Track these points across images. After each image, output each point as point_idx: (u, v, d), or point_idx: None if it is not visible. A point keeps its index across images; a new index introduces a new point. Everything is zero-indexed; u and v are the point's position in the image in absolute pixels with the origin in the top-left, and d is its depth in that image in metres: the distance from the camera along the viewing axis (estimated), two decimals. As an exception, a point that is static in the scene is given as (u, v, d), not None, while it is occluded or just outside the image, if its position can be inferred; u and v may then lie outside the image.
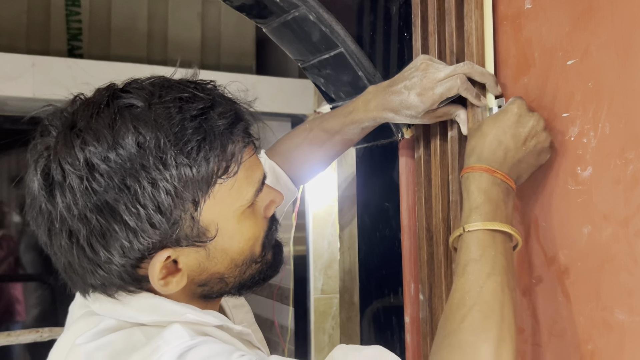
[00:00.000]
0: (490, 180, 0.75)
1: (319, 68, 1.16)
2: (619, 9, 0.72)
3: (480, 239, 0.72)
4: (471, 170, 0.77)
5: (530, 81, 0.85)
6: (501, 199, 0.74)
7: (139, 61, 2.44)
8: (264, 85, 2.45)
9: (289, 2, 1.02)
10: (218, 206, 0.65)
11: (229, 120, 0.63)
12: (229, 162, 0.63)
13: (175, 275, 0.66)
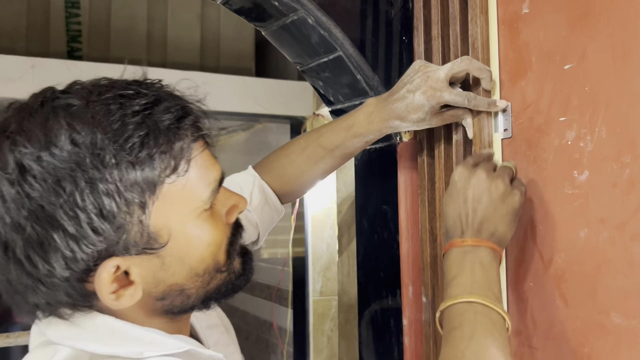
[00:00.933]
0: (461, 251, 0.74)
1: (317, 71, 1.16)
2: (616, 13, 0.72)
3: (457, 308, 0.70)
4: (444, 250, 0.77)
5: (528, 85, 0.85)
6: (477, 263, 0.72)
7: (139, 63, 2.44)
8: (262, 88, 2.46)
9: (287, 5, 1.03)
10: (169, 209, 0.59)
11: (175, 114, 0.59)
12: (177, 160, 0.58)
13: (127, 288, 0.60)
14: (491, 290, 0.71)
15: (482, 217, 0.75)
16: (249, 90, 2.40)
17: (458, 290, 0.71)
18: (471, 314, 0.68)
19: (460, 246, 0.74)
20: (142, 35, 2.57)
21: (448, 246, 0.76)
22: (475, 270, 0.72)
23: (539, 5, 0.83)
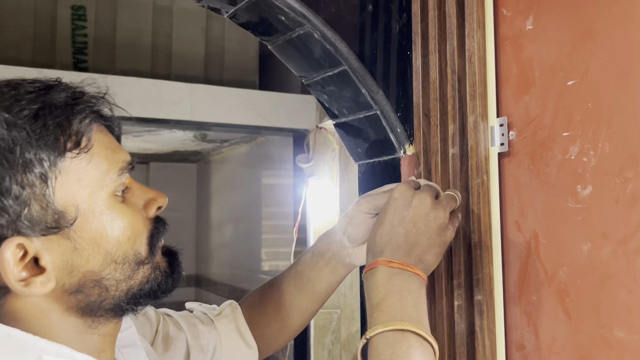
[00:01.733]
0: (388, 272, 0.70)
1: (322, 85, 1.17)
2: (618, 30, 0.74)
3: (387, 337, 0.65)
4: (367, 269, 0.73)
5: (531, 100, 0.86)
6: (405, 289, 0.69)
7: (143, 74, 2.47)
8: (266, 100, 2.47)
9: (293, 20, 1.04)
10: (74, 184, 0.58)
11: (71, 94, 0.59)
12: (78, 136, 0.57)
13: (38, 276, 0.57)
14: (421, 319, 0.68)
15: (414, 242, 0.72)
16: (253, 103, 2.41)
17: (387, 315, 0.66)
18: (404, 346, 0.64)
19: (386, 266, 0.70)
20: (147, 48, 2.60)
21: (372, 264, 0.72)
22: (404, 296, 0.68)
23: (543, 22, 0.84)
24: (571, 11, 0.80)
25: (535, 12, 0.86)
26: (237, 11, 1.10)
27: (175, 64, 2.64)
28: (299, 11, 1.01)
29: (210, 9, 1.13)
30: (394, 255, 0.71)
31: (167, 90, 2.27)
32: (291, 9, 1.01)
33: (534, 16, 0.86)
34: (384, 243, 0.72)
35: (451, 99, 0.96)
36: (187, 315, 0.93)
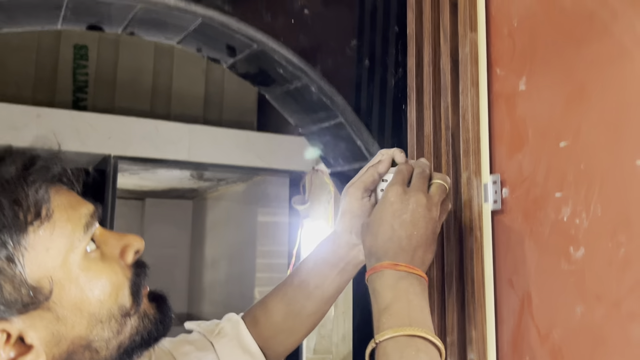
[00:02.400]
0: (395, 275, 0.71)
1: (319, 135, 1.19)
2: (610, 93, 0.75)
3: (397, 342, 0.66)
4: (373, 271, 0.73)
5: (524, 159, 0.87)
6: (413, 292, 0.70)
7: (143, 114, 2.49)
8: (264, 142, 2.49)
9: (291, 73, 1.06)
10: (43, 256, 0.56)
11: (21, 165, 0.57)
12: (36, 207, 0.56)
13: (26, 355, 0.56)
14: (426, 322, 0.69)
15: (416, 244, 0.73)
16: (250, 144, 2.43)
17: (396, 320, 0.67)
18: (412, 351, 0.65)
19: (393, 269, 0.71)
20: (148, 87, 2.63)
21: (377, 267, 0.72)
22: (411, 299, 0.69)
23: (536, 82, 0.86)
24: (564, 72, 0.82)
25: (528, 72, 0.88)
26: (236, 62, 1.12)
27: (174, 104, 2.67)
28: (296, 65, 1.03)
29: (210, 59, 1.15)
30: (398, 258, 0.72)
31: (165, 130, 2.29)
32: (289, 63, 1.03)
33: (527, 76, 0.88)
34: (387, 247, 0.73)
35: (445, 154, 0.97)
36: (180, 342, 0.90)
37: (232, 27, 0.97)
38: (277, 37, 0.99)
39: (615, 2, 0.75)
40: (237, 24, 0.96)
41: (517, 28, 0.90)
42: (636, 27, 0.71)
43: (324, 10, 1.04)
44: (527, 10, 0.89)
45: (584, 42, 0.78)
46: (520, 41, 0.89)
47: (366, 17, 1.09)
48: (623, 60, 0.73)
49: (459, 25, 0.95)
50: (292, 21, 1.01)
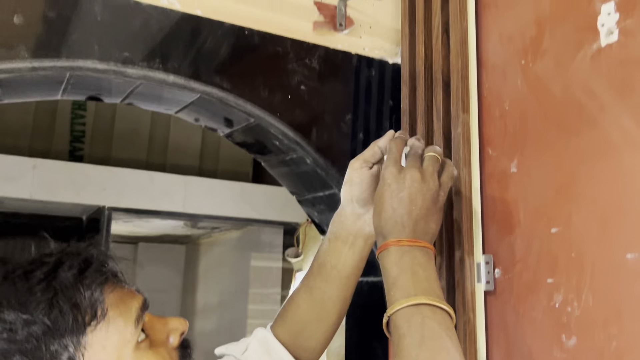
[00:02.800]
0: (399, 251, 0.75)
1: (313, 203, 1.19)
2: (599, 186, 0.76)
3: (404, 313, 0.70)
4: (380, 250, 0.77)
5: (516, 241, 0.87)
6: (416, 264, 0.74)
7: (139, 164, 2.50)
8: (258, 193, 2.50)
9: (287, 145, 1.07)
10: (100, 354, 0.62)
11: (78, 269, 0.63)
12: (93, 307, 0.62)
13: None
14: (433, 290, 0.72)
15: (416, 218, 0.77)
16: (245, 195, 2.44)
17: (402, 292, 0.71)
18: (418, 318, 0.68)
19: (397, 246, 0.75)
20: (144, 138, 2.65)
21: (383, 246, 0.76)
22: (416, 271, 0.73)
23: (527, 165, 0.87)
24: (554, 160, 0.83)
25: (520, 155, 0.89)
26: (233, 132, 1.14)
27: (171, 154, 2.68)
28: (292, 138, 1.04)
29: (207, 128, 1.16)
30: (401, 234, 0.76)
31: (161, 181, 2.29)
32: (285, 136, 1.05)
33: (518, 159, 0.89)
34: (390, 225, 0.77)
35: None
36: None
37: (230, 103, 0.98)
38: (274, 112, 1.01)
39: (603, 96, 0.77)
40: (235, 100, 0.98)
41: (508, 111, 0.92)
42: (624, 123, 0.73)
43: (320, 86, 1.06)
44: (517, 95, 0.91)
45: (573, 133, 0.80)
46: (511, 124, 0.91)
47: (361, 91, 1.12)
48: (612, 155, 0.74)
49: (452, 105, 0.98)
50: (288, 97, 1.03)
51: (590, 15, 0.80)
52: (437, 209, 0.79)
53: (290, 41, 1.05)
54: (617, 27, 0.76)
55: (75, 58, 0.87)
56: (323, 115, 1.07)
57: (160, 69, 0.93)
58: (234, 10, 1.01)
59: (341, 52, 1.11)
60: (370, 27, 1.15)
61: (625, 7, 0.75)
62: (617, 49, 0.76)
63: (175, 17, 0.95)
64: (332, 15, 1.11)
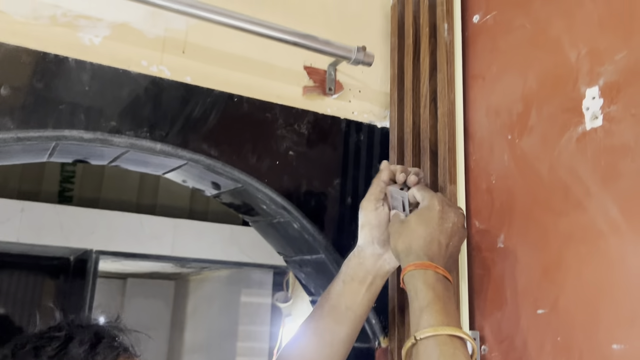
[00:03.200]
0: (435, 276, 0.76)
1: (300, 264, 1.18)
2: (585, 271, 0.76)
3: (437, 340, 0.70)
4: (414, 267, 0.77)
5: (503, 318, 0.86)
6: (447, 295, 0.75)
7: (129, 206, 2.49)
8: (248, 236, 2.48)
9: (274, 210, 1.07)
10: None
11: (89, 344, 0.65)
12: None
13: None
14: (458, 323, 0.74)
15: (451, 253, 0.80)
16: (235, 238, 2.42)
17: (436, 320, 0.71)
18: (450, 348, 0.69)
19: (434, 271, 0.76)
20: (135, 180, 2.64)
21: (420, 264, 0.76)
22: (446, 302, 0.74)
23: (514, 243, 0.87)
24: (542, 238, 0.83)
25: (507, 230, 0.89)
26: (220, 194, 1.13)
27: (161, 196, 2.67)
28: (279, 203, 1.04)
29: (194, 189, 1.16)
30: (438, 262, 0.77)
31: (150, 224, 2.28)
32: (272, 201, 1.04)
33: (505, 235, 0.89)
34: (429, 249, 0.78)
35: (425, 302, 0.97)
36: None
37: (217, 170, 0.98)
38: (262, 178, 1.01)
39: (588, 180, 0.77)
40: (222, 166, 0.98)
41: (495, 185, 0.92)
42: (609, 210, 0.73)
43: (308, 151, 1.06)
44: (504, 170, 0.91)
45: (560, 214, 0.80)
46: (498, 198, 0.91)
47: (349, 155, 1.12)
48: (597, 240, 0.74)
49: (439, 175, 0.98)
50: (276, 162, 1.03)
51: (576, 97, 0.81)
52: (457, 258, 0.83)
53: (279, 107, 1.05)
54: (601, 112, 0.77)
55: (61, 128, 0.86)
56: (311, 181, 1.06)
57: (147, 138, 0.92)
58: (224, 76, 1.01)
59: (330, 116, 1.11)
60: (359, 91, 1.16)
61: (610, 93, 0.76)
62: (602, 134, 0.76)
63: (164, 85, 0.95)
64: (321, 80, 1.12)
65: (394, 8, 1.17)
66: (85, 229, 2.17)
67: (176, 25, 0.99)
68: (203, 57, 1.00)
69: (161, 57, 0.97)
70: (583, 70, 0.80)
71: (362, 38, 1.17)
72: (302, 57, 1.10)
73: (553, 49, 0.85)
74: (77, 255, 2.44)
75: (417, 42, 1.09)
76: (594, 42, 0.79)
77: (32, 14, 0.88)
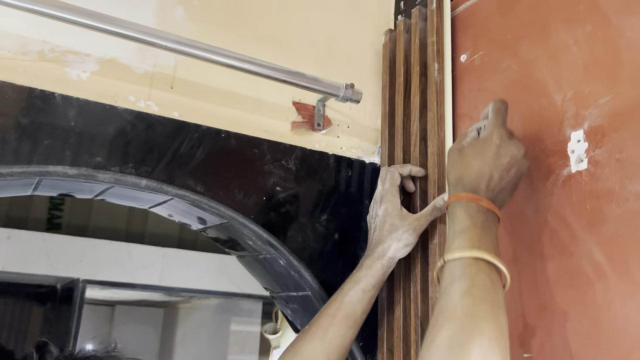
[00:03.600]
0: (477, 207, 0.75)
1: (286, 301, 1.17)
2: (572, 314, 0.75)
3: (462, 263, 0.69)
4: (457, 198, 0.77)
5: None
6: (487, 225, 0.74)
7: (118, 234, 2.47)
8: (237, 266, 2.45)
9: (261, 245, 1.06)
10: None
11: None
12: None
13: None
14: (495, 250, 0.72)
15: (503, 187, 0.77)
16: (224, 268, 2.40)
17: (467, 243, 0.71)
18: (474, 269, 0.68)
19: (477, 203, 0.75)
20: (125, 207, 2.61)
21: (464, 196, 0.76)
22: (485, 230, 0.73)
23: (500, 284, 0.86)
24: (529, 282, 0.82)
25: (493, 271, 0.88)
26: (206, 229, 1.12)
27: (151, 224, 2.65)
28: (266, 239, 1.03)
29: (180, 223, 1.15)
30: (485, 194, 0.77)
31: (138, 253, 2.26)
32: (258, 237, 1.03)
33: (492, 276, 0.88)
34: (477, 181, 0.77)
35: (414, 343, 0.96)
36: None
37: (203, 205, 0.97)
38: (248, 214, 1.00)
39: (574, 224, 0.77)
40: (208, 202, 0.97)
41: (482, 225, 0.92)
42: (595, 255, 0.73)
43: (295, 187, 1.06)
44: (491, 210, 0.90)
45: (547, 258, 0.80)
46: (485, 238, 0.91)
47: (337, 191, 1.12)
48: (584, 287, 0.73)
49: (427, 214, 0.97)
50: (263, 198, 1.02)
51: (561, 140, 0.81)
52: (515, 188, 0.80)
53: (267, 142, 1.05)
54: (586, 155, 0.77)
55: (45, 164, 0.85)
56: (298, 217, 1.06)
57: (132, 174, 0.91)
58: (212, 112, 1.01)
59: (318, 152, 1.11)
60: (348, 126, 1.16)
61: (595, 136, 0.76)
62: (587, 177, 0.76)
63: (152, 120, 0.95)
64: (310, 116, 1.12)
65: (385, 46, 1.18)
66: (72, 258, 2.14)
67: (165, 61, 0.99)
68: (191, 93, 1.00)
69: (149, 93, 0.97)
70: (568, 113, 0.80)
71: (352, 74, 1.18)
72: (291, 93, 1.10)
73: (539, 91, 0.86)
74: (64, 283, 2.41)
75: (408, 80, 1.09)
76: (579, 85, 0.80)
77: (20, 49, 0.88)
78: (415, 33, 1.09)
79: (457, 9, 1.05)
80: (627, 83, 0.73)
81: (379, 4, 1.26)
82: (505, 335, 0.63)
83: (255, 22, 1.10)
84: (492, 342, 0.61)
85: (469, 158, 0.80)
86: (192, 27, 1.03)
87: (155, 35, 0.88)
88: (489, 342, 0.60)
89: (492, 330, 0.62)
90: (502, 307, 0.66)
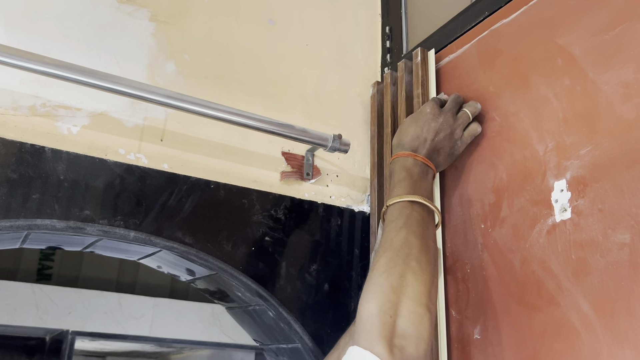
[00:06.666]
0: (413, 162, 0.89)
1: (277, 353, 1.15)
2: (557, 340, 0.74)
3: (399, 205, 0.83)
4: (397, 156, 0.91)
5: (482, 415, 0.84)
6: (422, 177, 0.88)
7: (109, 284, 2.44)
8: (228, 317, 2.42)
9: (249, 297, 1.05)
10: None
11: None
12: None
13: None
14: (428, 195, 0.86)
15: (434, 147, 0.92)
16: (216, 318, 2.37)
17: (403, 190, 0.85)
18: (408, 210, 0.82)
19: (414, 158, 0.89)
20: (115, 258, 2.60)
21: (403, 153, 0.90)
22: (421, 180, 0.88)
23: (490, 335, 0.86)
24: (517, 333, 0.82)
25: (483, 322, 0.88)
26: (195, 280, 1.12)
27: (142, 274, 2.63)
28: (255, 290, 1.02)
29: (169, 274, 1.14)
30: (418, 151, 0.91)
31: (129, 304, 2.22)
32: (247, 288, 1.03)
33: (481, 326, 0.88)
34: (413, 142, 0.92)
35: None
36: None
37: (191, 257, 0.97)
38: (237, 265, 1.00)
39: (560, 275, 0.77)
40: (196, 253, 0.97)
41: (470, 274, 0.92)
42: (581, 306, 0.73)
43: (284, 237, 1.06)
44: (479, 259, 0.91)
45: (534, 309, 0.79)
46: (474, 289, 0.91)
47: (327, 241, 1.12)
48: (571, 338, 0.73)
49: (415, 264, 0.97)
50: (252, 249, 1.02)
51: (545, 190, 0.82)
52: (453, 152, 0.94)
53: (256, 193, 1.06)
54: (569, 204, 0.78)
55: (33, 218, 0.86)
56: (287, 267, 1.05)
57: (121, 226, 0.92)
58: (202, 163, 1.02)
59: (307, 201, 1.11)
60: (337, 175, 1.17)
61: (577, 186, 0.77)
62: (571, 227, 0.77)
63: (141, 172, 0.96)
64: (299, 166, 1.13)
65: (373, 98, 1.20)
66: (61, 309, 2.11)
67: (155, 114, 1.01)
68: (181, 145, 1.02)
69: (139, 145, 0.98)
70: (551, 164, 0.82)
71: (341, 125, 1.20)
72: (280, 144, 1.12)
73: (522, 142, 0.87)
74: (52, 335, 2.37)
75: (395, 131, 1.11)
76: (560, 137, 0.81)
77: (11, 105, 0.89)
78: (401, 85, 1.11)
79: (441, 62, 1.08)
80: (605, 134, 0.75)
81: (366, 57, 1.30)
82: (433, 260, 0.77)
83: (245, 76, 1.12)
84: (422, 264, 0.74)
85: (407, 126, 0.95)
86: (183, 81, 1.05)
87: (146, 90, 0.90)
88: (419, 264, 0.74)
89: (422, 254, 0.76)
90: (431, 238, 0.80)
